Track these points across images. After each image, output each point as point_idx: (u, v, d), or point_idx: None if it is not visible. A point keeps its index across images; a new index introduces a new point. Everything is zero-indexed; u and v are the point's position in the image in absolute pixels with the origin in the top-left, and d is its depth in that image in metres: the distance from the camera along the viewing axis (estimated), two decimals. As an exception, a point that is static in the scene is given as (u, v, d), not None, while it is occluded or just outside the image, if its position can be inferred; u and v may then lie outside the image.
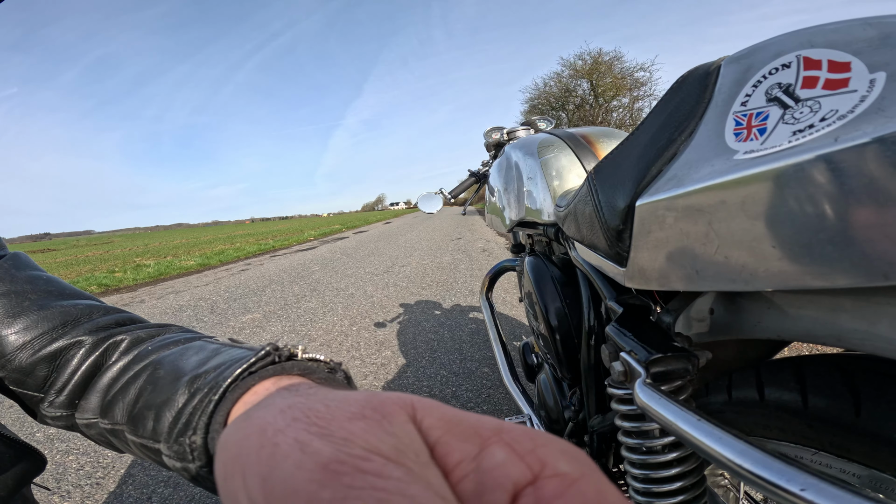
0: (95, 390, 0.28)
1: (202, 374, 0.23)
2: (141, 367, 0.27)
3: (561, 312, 0.67)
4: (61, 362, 0.29)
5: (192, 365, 0.25)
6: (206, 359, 0.25)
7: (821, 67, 0.22)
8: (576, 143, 0.74)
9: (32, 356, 0.28)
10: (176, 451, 0.22)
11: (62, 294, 0.32)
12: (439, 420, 0.10)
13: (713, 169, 0.24)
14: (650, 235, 0.30)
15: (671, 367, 0.30)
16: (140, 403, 0.25)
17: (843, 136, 0.18)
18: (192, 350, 0.27)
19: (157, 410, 0.23)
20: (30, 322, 0.29)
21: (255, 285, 4.33)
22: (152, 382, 0.25)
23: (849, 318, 0.23)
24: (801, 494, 0.16)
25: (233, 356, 0.23)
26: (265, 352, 0.21)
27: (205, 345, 0.27)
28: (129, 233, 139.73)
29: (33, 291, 0.31)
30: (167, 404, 0.23)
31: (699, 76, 0.30)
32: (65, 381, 0.29)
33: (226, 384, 0.20)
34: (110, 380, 0.28)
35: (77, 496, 1.19)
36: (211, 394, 0.21)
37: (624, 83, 16.90)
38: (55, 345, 0.29)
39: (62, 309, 0.31)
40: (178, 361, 0.26)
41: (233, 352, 0.25)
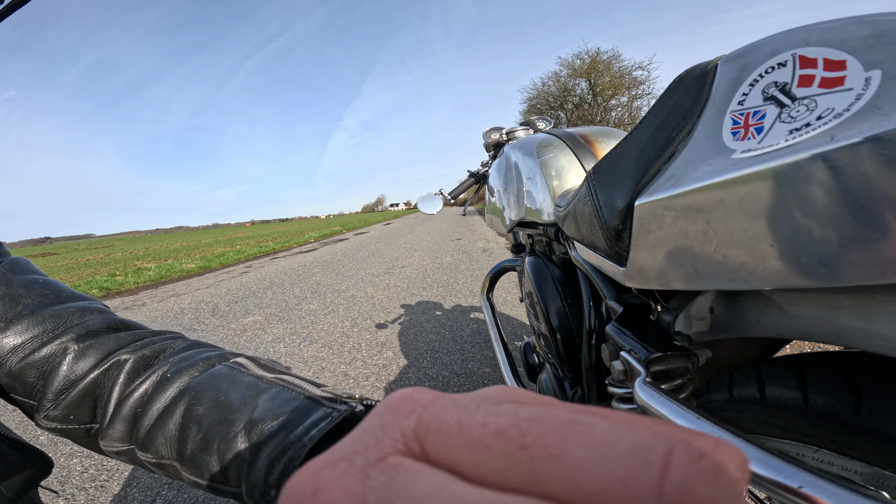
0: (120, 419, 0.28)
1: (258, 422, 0.23)
2: (171, 397, 0.27)
3: (561, 312, 0.67)
4: (48, 369, 0.29)
5: (237, 403, 0.25)
6: (248, 397, 0.25)
7: (816, 66, 0.22)
8: (575, 142, 0.74)
9: (21, 361, 0.28)
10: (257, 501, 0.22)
11: (58, 298, 0.32)
12: None
13: (711, 168, 0.24)
14: (649, 235, 0.30)
15: (671, 365, 0.30)
16: (191, 444, 0.25)
17: (839, 135, 0.18)
18: (224, 380, 0.27)
19: (219, 456, 0.23)
20: (21, 326, 0.29)
21: (255, 287, 4.33)
22: (195, 421, 0.25)
23: (848, 316, 0.23)
24: (800, 491, 0.16)
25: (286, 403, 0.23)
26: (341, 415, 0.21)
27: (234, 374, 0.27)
28: (129, 236, 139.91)
29: (28, 296, 0.31)
30: (229, 451, 0.23)
31: (696, 75, 0.30)
32: (56, 392, 0.28)
33: (304, 454, 0.20)
34: (136, 408, 0.27)
35: (82, 499, 1.19)
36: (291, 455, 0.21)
37: (622, 82, 16.91)
38: (43, 350, 0.29)
39: (53, 313, 0.30)
40: (216, 395, 0.26)
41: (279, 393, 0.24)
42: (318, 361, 2.10)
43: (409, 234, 9.83)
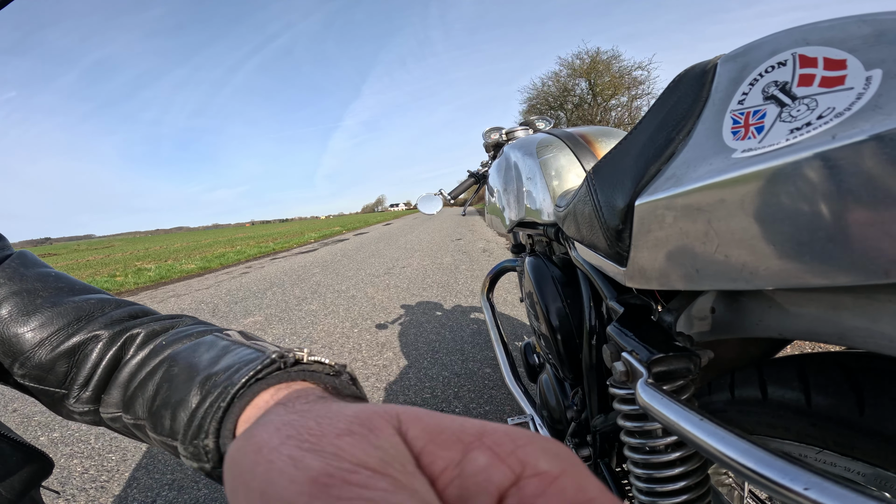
0: (116, 385, 0.29)
1: (213, 375, 0.24)
2: (157, 362, 0.28)
3: (562, 312, 0.67)
4: (80, 357, 0.29)
5: (205, 363, 0.25)
6: (217, 357, 0.26)
7: (817, 65, 0.22)
8: (574, 142, 0.74)
9: (52, 352, 0.29)
10: (192, 453, 0.23)
11: (73, 290, 0.33)
12: (423, 430, 0.11)
13: (712, 168, 0.24)
14: (650, 235, 0.30)
15: (673, 366, 0.30)
16: (158, 401, 0.26)
17: (840, 134, 0.18)
18: (205, 346, 0.28)
19: (173, 409, 0.24)
20: (45, 319, 0.29)
21: (256, 288, 4.33)
22: (168, 380, 0.26)
23: (850, 316, 0.23)
24: (805, 493, 0.16)
25: (242, 357, 0.24)
26: (271, 359, 0.22)
27: (216, 340, 0.28)
28: (129, 237, 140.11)
29: (44, 289, 0.31)
30: (182, 404, 0.24)
31: (696, 75, 0.30)
32: (87, 376, 0.29)
33: (234, 391, 0.21)
34: (129, 374, 0.28)
35: (82, 499, 1.19)
36: (220, 400, 0.22)
37: (622, 82, 16.91)
38: (73, 340, 0.29)
39: (75, 304, 0.31)
40: (192, 358, 0.27)
41: (242, 352, 0.25)
42: (319, 362, 2.09)
43: (409, 234, 9.83)
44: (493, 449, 0.10)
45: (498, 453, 0.10)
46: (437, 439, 0.11)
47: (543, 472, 0.09)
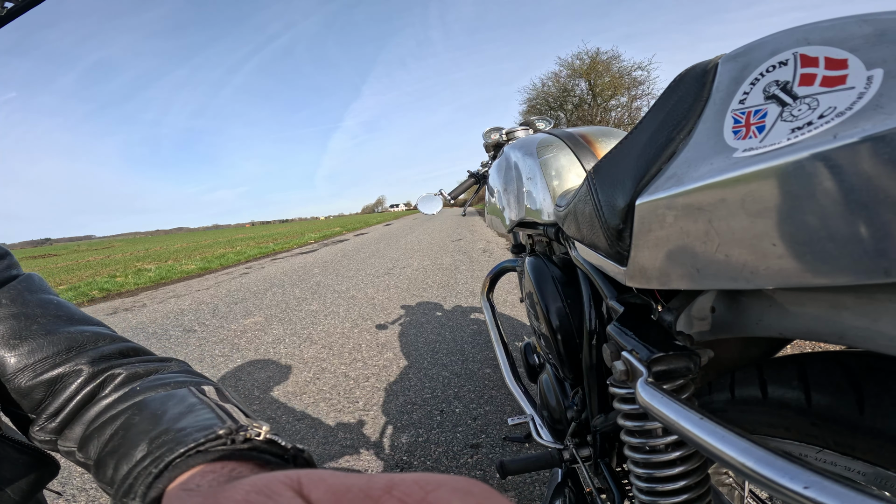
0: (81, 421, 0.28)
1: (163, 433, 0.23)
2: (125, 406, 0.27)
3: (562, 312, 0.67)
4: (58, 388, 0.29)
5: (168, 418, 0.25)
6: (180, 414, 0.25)
7: (818, 65, 0.22)
8: (575, 142, 0.74)
9: (32, 380, 0.29)
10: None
11: (71, 319, 0.33)
12: (327, 491, 0.11)
13: (713, 167, 0.24)
14: (650, 234, 0.30)
15: (673, 365, 0.30)
16: (108, 448, 0.25)
17: (841, 133, 0.18)
18: (175, 399, 0.27)
19: (117, 461, 0.24)
20: (35, 346, 0.30)
21: (256, 288, 4.33)
22: (126, 427, 0.26)
23: (850, 316, 0.23)
24: (805, 493, 0.16)
25: (199, 422, 0.23)
26: (216, 434, 0.21)
27: (187, 396, 0.27)
28: (129, 237, 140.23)
29: (43, 315, 0.31)
30: (126, 458, 0.23)
31: (696, 74, 0.30)
32: (58, 408, 0.29)
33: (169, 458, 0.20)
34: (95, 414, 0.28)
35: (82, 499, 1.19)
36: (153, 465, 0.21)
37: (622, 82, 16.92)
38: (56, 370, 0.29)
39: (68, 335, 0.31)
40: (158, 409, 0.26)
41: (203, 415, 0.24)
42: (319, 362, 2.10)
43: (409, 234, 9.83)
44: (403, 500, 0.10)
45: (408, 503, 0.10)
46: (344, 499, 0.10)
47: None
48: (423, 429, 1.40)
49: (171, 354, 2.63)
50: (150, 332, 3.00)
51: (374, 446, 1.33)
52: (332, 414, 1.56)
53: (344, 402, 1.65)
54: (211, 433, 0.21)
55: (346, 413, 1.55)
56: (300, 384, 1.85)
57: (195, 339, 2.68)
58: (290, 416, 1.56)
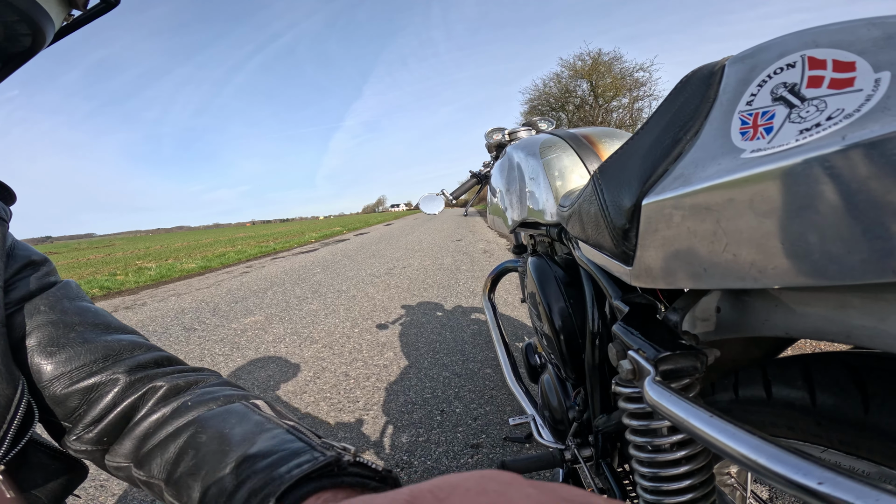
0: (131, 436, 0.28)
1: (251, 459, 0.23)
2: (181, 424, 0.27)
3: (565, 312, 0.67)
4: (94, 397, 0.29)
5: (237, 438, 0.25)
6: (251, 434, 0.25)
7: (826, 67, 0.22)
8: (578, 143, 0.75)
9: (67, 387, 0.29)
10: None
11: (108, 328, 0.33)
12: None
13: (720, 167, 0.24)
14: (657, 234, 0.30)
15: (680, 364, 0.31)
16: (182, 468, 0.25)
17: (850, 135, 0.18)
18: (235, 416, 0.27)
19: (202, 484, 0.24)
20: (72, 354, 0.30)
21: (256, 287, 4.34)
22: (194, 447, 0.25)
23: (858, 315, 0.24)
24: (819, 489, 0.16)
25: (283, 444, 0.23)
26: (326, 461, 0.21)
27: (247, 413, 0.28)
28: (129, 236, 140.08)
29: (81, 324, 0.31)
30: (215, 482, 0.23)
31: (703, 76, 0.30)
32: (96, 417, 0.29)
33: (282, 489, 0.20)
34: (147, 429, 0.28)
35: (82, 498, 1.19)
36: (266, 492, 0.20)
37: (623, 83, 16.94)
38: (92, 379, 0.29)
39: (105, 343, 0.31)
40: (222, 428, 0.26)
41: (280, 435, 0.24)
42: (319, 362, 2.10)
43: (410, 234, 9.83)
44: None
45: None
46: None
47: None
48: (423, 428, 1.40)
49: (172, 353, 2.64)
50: (151, 330, 3.00)
51: (374, 446, 1.33)
52: (332, 413, 1.56)
53: (344, 401, 1.65)
54: (321, 458, 0.21)
55: (346, 412, 1.56)
56: (300, 383, 1.85)
57: (195, 338, 2.69)
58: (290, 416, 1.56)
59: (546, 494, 0.09)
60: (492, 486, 0.10)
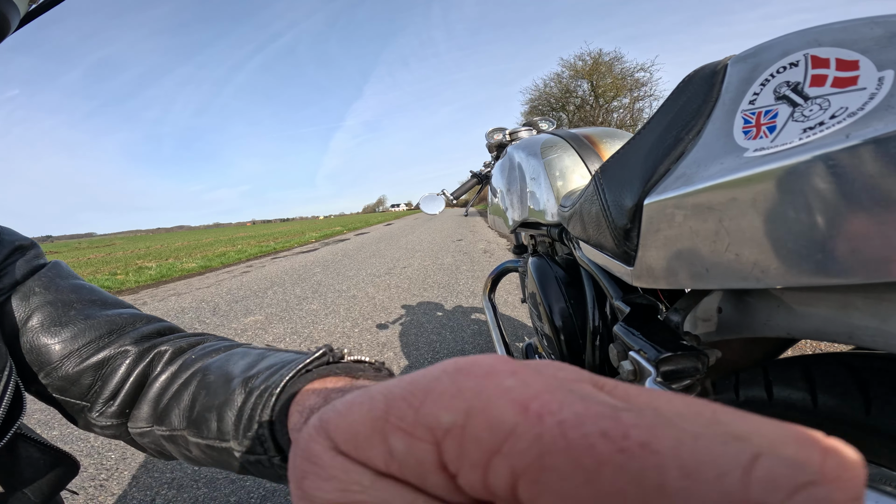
0: (146, 400, 0.29)
1: (255, 375, 0.24)
2: (189, 374, 0.28)
3: (565, 312, 0.67)
4: (107, 371, 0.29)
5: (242, 368, 0.26)
6: (254, 362, 0.26)
7: (829, 66, 0.22)
8: (579, 143, 0.75)
9: (79, 365, 0.29)
10: (247, 447, 0.23)
11: (105, 303, 0.33)
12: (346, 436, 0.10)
13: (723, 167, 0.24)
14: (658, 234, 0.30)
15: (681, 365, 0.30)
16: (198, 408, 0.26)
17: (853, 133, 0.18)
18: (237, 355, 0.28)
19: (218, 411, 0.25)
20: (77, 331, 0.30)
21: (256, 287, 4.34)
22: (205, 387, 0.26)
23: (860, 316, 0.23)
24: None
25: (282, 358, 0.25)
26: (321, 353, 0.23)
27: (248, 350, 0.29)
28: (130, 235, 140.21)
29: (78, 301, 0.31)
30: (227, 404, 0.24)
31: (705, 75, 0.30)
32: (114, 390, 0.29)
33: (284, 381, 0.22)
34: (160, 389, 0.29)
35: (81, 498, 1.19)
36: (271, 389, 0.22)
37: (624, 84, 16.93)
38: (101, 354, 0.30)
39: (108, 318, 0.31)
40: (226, 366, 0.27)
41: (280, 355, 0.26)
42: (319, 361, 2.09)
43: (410, 234, 9.84)
44: (400, 427, 0.09)
45: (406, 429, 0.08)
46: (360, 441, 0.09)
47: (450, 428, 0.08)
48: (423, 428, 1.40)
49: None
50: (151, 329, 3.00)
51: (374, 445, 1.33)
52: (332, 413, 1.56)
53: (344, 401, 1.65)
54: (315, 352, 0.23)
55: (346, 412, 1.55)
56: (301, 383, 1.85)
57: (196, 338, 2.69)
58: None
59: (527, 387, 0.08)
60: (467, 383, 0.08)
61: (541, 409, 0.07)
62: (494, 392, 0.08)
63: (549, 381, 0.08)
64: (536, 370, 0.09)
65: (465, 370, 0.09)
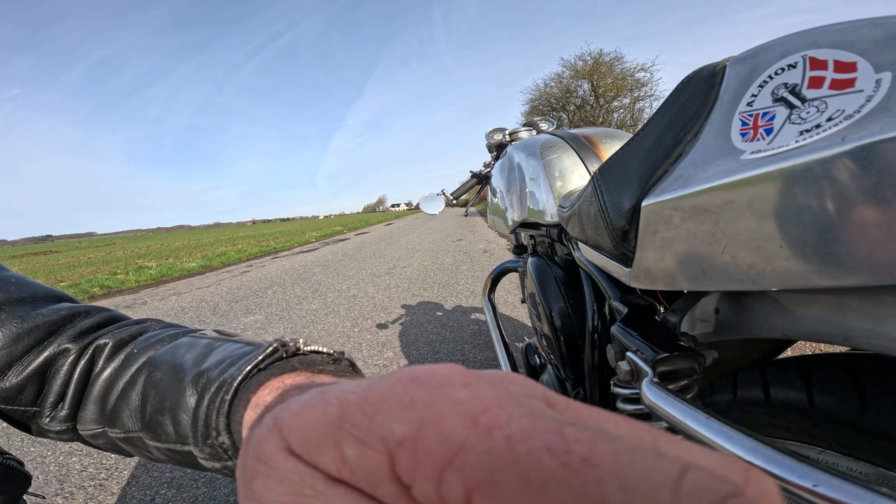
0: (91, 399, 0.27)
1: (205, 371, 0.23)
2: (134, 370, 0.27)
3: (564, 313, 0.67)
4: (51, 374, 0.28)
5: (190, 362, 0.24)
6: (202, 355, 0.24)
7: (827, 68, 0.22)
8: (579, 143, 0.75)
9: (22, 373, 0.27)
10: (209, 454, 0.22)
11: (36, 298, 0.31)
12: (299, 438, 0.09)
13: (720, 169, 0.24)
14: (656, 235, 0.30)
15: (678, 366, 0.31)
16: (149, 409, 0.25)
17: (850, 136, 0.18)
18: (183, 347, 0.26)
19: (171, 414, 0.23)
20: (13, 336, 0.28)
21: (256, 287, 4.34)
22: (153, 386, 0.25)
23: (855, 317, 0.24)
24: (814, 490, 0.16)
25: (234, 351, 0.23)
26: (273, 348, 0.21)
27: (194, 340, 0.27)
28: (130, 235, 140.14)
29: (7, 302, 0.29)
30: (179, 406, 0.23)
31: (704, 77, 0.30)
32: (59, 393, 0.28)
33: (236, 384, 0.20)
34: (103, 387, 0.27)
35: (80, 497, 1.19)
36: (223, 393, 0.20)
37: (624, 84, 16.93)
38: (42, 356, 0.28)
39: (44, 318, 0.29)
40: (173, 360, 0.25)
41: (230, 346, 0.24)
42: (319, 361, 2.10)
43: (410, 234, 9.83)
44: (354, 435, 0.09)
45: (360, 437, 0.08)
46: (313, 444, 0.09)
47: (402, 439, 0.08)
48: (423, 428, 1.40)
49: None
50: (151, 329, 3.01)
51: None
52: (332, 412, 1.56)
53: (344, 400, 1.65)
54: (267, 347, 0.21)
55: (346, 412, 1.55)
56: (300, 382, 1.85)
57: (196, 337, 2.69)
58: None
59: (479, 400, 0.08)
60: (420, 395, 0.08)
61: (490, 424, 0.07)
62: (446, 404, 0.08)
63: (500, 395, 0.08)
64: (490, 382, 0.09)
65: (420, 380, 0.09)
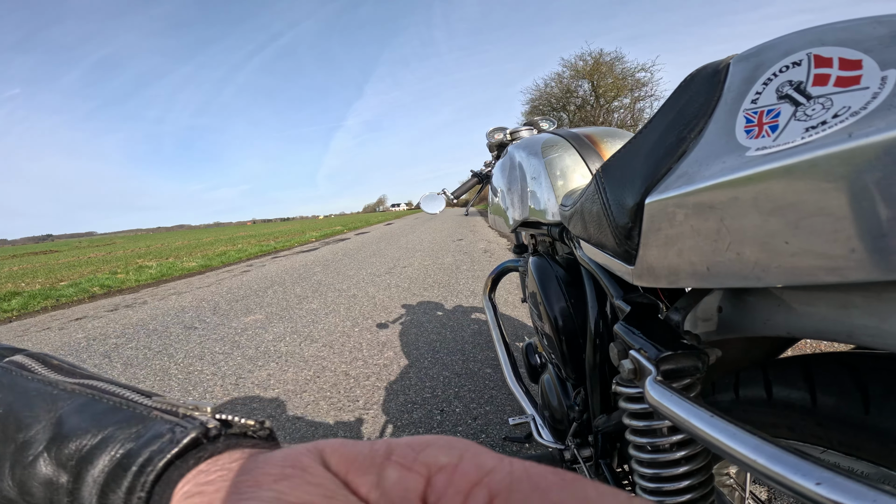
0: None
1: (66, 441, 0.16)
2: None
3: (566, 312, 0.67)
4: None
5: (25, 419, 0.17)
6: (39, 410, 0.17)
7: (832, 65, 0.22)
8: (580, 142, 0.75)
9: None
10: None
11: None
12: (341, 459, 0.12)
13: (725, 166, 0.24)
14: (660, 233, 0.30)
15: (682, 364, 0.30)
16: None
17: (856, 133, 0.18)
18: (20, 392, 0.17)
19: (18, 486, 0.16)
20: None
21: (257, 286, 4.34)
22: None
23: (860, 315, 0.23)
24: (817, 489, 0.16)
25: (105, 416, 0.16)
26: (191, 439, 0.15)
27: (13, 381, 0.18)
28: (130, 234, 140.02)
29: None
30: (32, 478, 0.16)
31: (708, 74, 0.30)
32: None
33: (148, 489, 0.14)
34: None
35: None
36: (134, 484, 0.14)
37: (625, 84, 16.93)
38: None
39: None
40: (12, 410, 0.17)
41: (93, 406, 0.17)
42: (319, 361, 2.10)
43: (411, 234, 9.83)
44: (400, 462, 0.11)
45: (405, 464, 0.11)
46: (354, 466, 0.11)
47: (445, 465, 0.11)
48: (423, 428, 1.40)
49: (172, 352, 2.60)
50: (151, 329, 3.01)
51: (374, 444, 1.33)
52: (332, 412, 1.56)
53: (344, 400, 1.65)
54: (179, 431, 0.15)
55: (346, 412, 1.56)
56: (300, 382, 1.85)
57: (196, 337, 2.69)
58: (290, 415, 1.56)
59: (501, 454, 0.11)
60: (460, 444, 0.12)
61: (513, 460, 0.11)
62: (482, 448, 0.11)
63: None
64: None
65: (459, 439, 0.12)
